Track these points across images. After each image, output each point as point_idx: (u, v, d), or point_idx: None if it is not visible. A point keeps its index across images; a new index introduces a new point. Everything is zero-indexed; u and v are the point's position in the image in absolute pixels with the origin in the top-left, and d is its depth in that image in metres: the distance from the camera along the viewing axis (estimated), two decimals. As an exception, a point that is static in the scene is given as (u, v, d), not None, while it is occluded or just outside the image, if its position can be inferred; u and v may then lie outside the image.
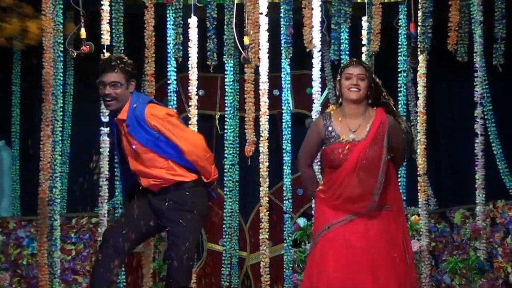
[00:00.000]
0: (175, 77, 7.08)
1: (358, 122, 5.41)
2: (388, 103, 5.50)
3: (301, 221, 7.35)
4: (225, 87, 7.31)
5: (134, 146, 5.36)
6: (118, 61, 5.41)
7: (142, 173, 5.44)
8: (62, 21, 6.84)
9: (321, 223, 5.43)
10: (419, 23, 6.95)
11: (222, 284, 7.25)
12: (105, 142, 6.83)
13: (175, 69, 7.08)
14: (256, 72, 7.08)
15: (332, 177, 5.43)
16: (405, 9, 7.11)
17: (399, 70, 7.20)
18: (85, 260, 7.07)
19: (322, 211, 5.46)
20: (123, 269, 6.86)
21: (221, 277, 7.30)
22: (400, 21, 7.18)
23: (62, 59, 6.88)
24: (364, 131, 5.38)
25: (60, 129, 6.92)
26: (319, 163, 5.92)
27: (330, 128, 5.43)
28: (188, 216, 5.38)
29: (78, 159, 7.09)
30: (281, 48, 7.15)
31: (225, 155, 7.27)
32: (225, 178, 7.30)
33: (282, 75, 7.19)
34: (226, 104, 7.32)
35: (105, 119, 6.80)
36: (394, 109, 5.52)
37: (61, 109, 6.92)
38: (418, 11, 6.96)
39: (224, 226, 7.26)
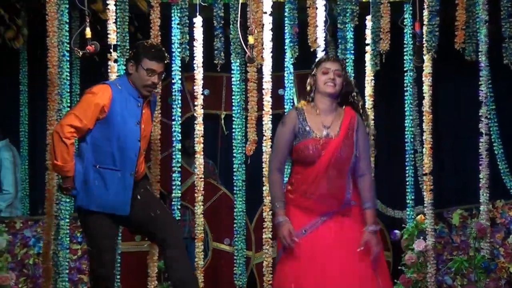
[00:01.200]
0: (180, 77, 6.93)
1: (331, 118, 5.32)
2: (357, 104, 5.41)
3: None
4: (232, 86, 7.16)
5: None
6: (166, 53, 5.59)
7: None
8: (67, 20, 6.72)
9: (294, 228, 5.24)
10: (425, 22, 6.79)
11: (235, 284, 7.09)
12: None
13: (180, 69, 6.92)
14: (260, 71, 6.95)
15: (303, 175, 5.28)
16: (411, 8, 6.95)
17: (404, 69, 7.05)
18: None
19: (293, 214, 5.29)
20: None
21: (233, 276, 7.13)
22: (405, 20, 7.02)
23: (68, 58, 6.74)
24: (336, 127, 5.29)
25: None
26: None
27: (303, 123, 5.30)
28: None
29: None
30: (285, 48, 6.99)
31: (234, 154, 7.11)
32: (234, 178, 7.14)
33: (286, 75, 7.05)
34: (233, 104, 7.16)
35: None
36: (362, 110, 5.42)
37: (68, 109, 6.72)
38: (424, 10, 6.80)
39: (235, 225, 7.08)
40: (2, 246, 6.49)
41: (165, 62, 5.56)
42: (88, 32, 6.49)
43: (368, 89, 7.08)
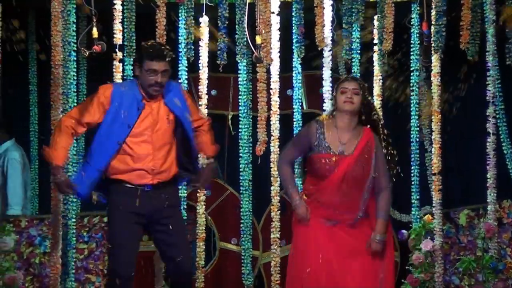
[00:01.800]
0: (186, 77, 6.86)
1: (348, 136, 5.47)
2: (378, 123, 5.55)
3: None
4: (239, 86, 7.08)
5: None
6: (168, 50, 5.47)
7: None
8: (74, 20, 6.67)
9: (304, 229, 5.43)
10: (432, 22, 6.71)
11: (243, 283, 7.07)
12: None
13: (186, 69, 6.85)
14: (269, 72, 6.90)
15: (317, 186, 5.45)
16: (418, 8, 6.87)
17: (411, 69, 6.97)
18: (97, 260, 6.88)
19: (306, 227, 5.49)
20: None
21: (241, 276, 7.10)
22: (412, 20, 6.94)
23: (75, 58, 6.69)
24: (352, 146, 5.45)
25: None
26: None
27: (321, 136, 5.46)
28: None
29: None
30: (293, 48, 6.94)
31: (240, 154, 7.05)
32: (241, 178, 7.08)
33: (294, 75, 7.01)
34: (240, 104, 7.08)
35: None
36: (382, 131, 5.55)
37: None
38: (431, 10, 6.73)
39: (241, 225, 7.02)
40: (10, 246, 6.43)
41: (167, 59, 5.42)
42: (95, 32, 6.47)
43: (376, 89, 7.02)
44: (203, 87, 6.87)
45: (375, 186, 5.47)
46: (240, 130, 7.10)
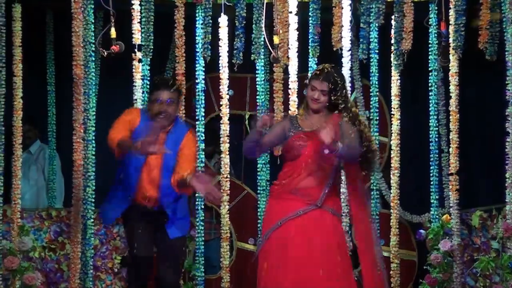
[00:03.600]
0: (203, 77, 6.75)
1: (318, 121, 5.40)
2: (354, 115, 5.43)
3: None
4: (256, 86, 6.96)
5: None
6: (173, 80, 5.63)
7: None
8: (93, 21, 6.57)
9: (272, 219, 5.36)
10: (451, 22, 6.58)
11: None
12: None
13: (203, 69, 6.74)
14: (286, 72, 6.78)
15: (288, 169, 5.39)
16: (436, 8, 6.73)
17: (429, 69, 6.84)
18: (105, 258, 6.82)
19: (272, 207, 5.44)
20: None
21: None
22: (430, 20, 6.79)
23: (94, 58, 6.59)
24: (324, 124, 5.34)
25: (93, 128, 6.58)
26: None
27: (295, 122, 5.44)
28: None
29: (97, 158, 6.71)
30: (309, 48, 6.82)
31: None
32: (258, 177, 6.96)
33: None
34: (257, 104, 6.96)
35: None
36: (358, 118, 5.43)
37: (94, 109, 6.61)
38: (450, 10, 6.59)
39: (259, 225, 6.87)
40: (28, 246, 6.31)
41: (171, 90, 5.47)
42: (113, 32, 6.40)
43: (394, 89, 6.90)
44: (223, 87, 6.75)
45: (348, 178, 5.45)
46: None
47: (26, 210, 6.77)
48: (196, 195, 6.67)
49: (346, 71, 6.73)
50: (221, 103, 6.77)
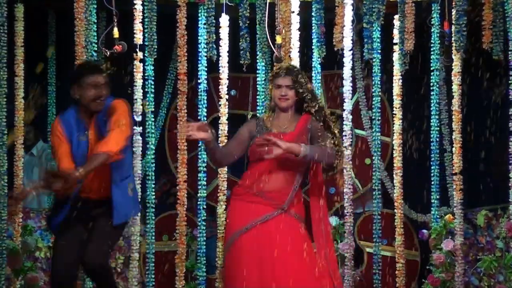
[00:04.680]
0: (206, 77, 6.70)
1: (287, 122, 5.30)
2: (320, 110, 5.31)
3: (333, 220, 7.02)
4: (257, 86, 6.87)
5: None
6: (99, 64, 5.40)
7: None
8: (95, 21, 6.53)
9: (238, 223, 5.19)
10: (453, 22, 6.52)
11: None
12: (137, 142, 6.54)
13: (205, 69, 6.67)
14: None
15: (252, 170, 5.25)
16: (439, 7, 6.67)
17: (431, 68, 6.77)
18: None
19: (235, 210, 5.27)
20: (153, 268, 6.61)
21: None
22: (433, 19, 6.73)
23: (96, 58, 6.54)
24: (292, 126, 5.27)
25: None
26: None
27: (262, 123, 5.32)
28: None
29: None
30: (313, 47, 6.76)
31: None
32: (260, 177, 6.85)
33: (313, 74, 6.80)
34: (257, 104, 6.87)
35: (137, 118, 6.51)
36: (324, 115, 5.30)
37: None
38: (452, 10, 6.54)
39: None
40: (31, 247, 6.25)
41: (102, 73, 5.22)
42: (116, 32, 6.34)
43: (396, 89, 6.84)
44: (222, 87, 6.69)
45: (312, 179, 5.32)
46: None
47: (34, 210, 6.71)
48: (199, 195, 6.61)
49: (347, 71, 6.68)
50: (220, 103, 6.71)
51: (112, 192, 5.13)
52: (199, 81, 6.68)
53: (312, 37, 6.74)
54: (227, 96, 6.70)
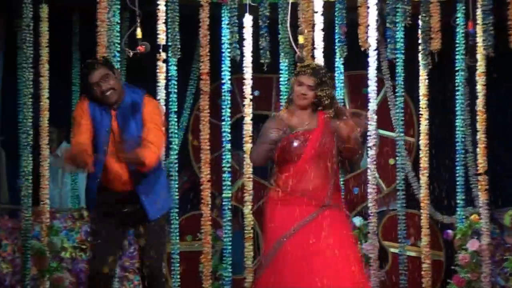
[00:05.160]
0: (229, 77, 6.66)
1: (307, 117, 5.22)
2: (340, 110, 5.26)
3: (357, 220, 7.00)
4: (280, 86, 6.85)
5: None
6: (97, 59, 5.33)
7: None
8: (118, 21, 6.50)
9: (283, 226, 5.09)
10: (478, 22, 6.47)
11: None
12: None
13: (229, 69, 6.65)
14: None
15: (289, 172, 5.13)
16: (463, 7, 6.63)
17: (456, 69, 6.73)
18: (133, 258, 6.72)
19: (279, 214, 5.14)
20: (178, 268, 6.63)
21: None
22: (457, 19, 6.68)
23: (119, 59, 6.53)
24: (314, 122, 5.20)
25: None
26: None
27: (284, 123, 5.19)
28: None
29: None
30: (336, 48, 6.73)
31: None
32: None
33: (336, 75, 6.78)
34: (281, 104, 6.84)
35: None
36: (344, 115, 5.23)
37: None
38: (477, 9, 6.48)
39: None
40: (57, 247, 6.24)
41: (96, 67, 5.15)
42: (139, 33, 6.33)
43: (422, 89, 6.79)
44: (247, 88, 6.66)
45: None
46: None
47: (60, 210, 6.70)
48: (223, 195, 6.58)
49: (372, 71, 6.66)
50: (244, 103, 6.67)
51: (141, 188, 5.10)
52: (222, 81, 6.65)
53: (335, 37, 6.71)
54: (251, 96, 6.67)
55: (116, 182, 5.10)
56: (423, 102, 6.75)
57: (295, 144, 5.11)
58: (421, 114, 6.77)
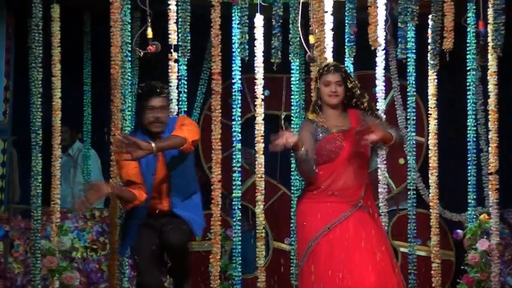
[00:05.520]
0: (240, 77, 6.63)
1: (340, 119, 5.31)
2: (361, 105, 5.34)
3: None
4: (291, 86, 6.84)
5: None
6: (162, 87, 5.36)
7: None
8: (129, 21, 6.49)
9: (318, 224, 5.14)
10: (490, 21, 6.42)
11: (292, 283, 6.76)
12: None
13: (240, 69, 6.62)
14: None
15: (327, 170, 5.19)
16: (474, 6, 6.57)
17: (467, 68, 6.68)
18: None
19: (318, 212, 5.18)
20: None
21: (290, 276, 6.83)
22: (468, 19, 6.63)
23: (130, 59, 6.53)
24: (347, 122, 5.29)
25: (129, 128, 6.50)
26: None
27: (317, 125, 5.26)
28: None
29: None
30: (345, 47, 6.69)
31: (292, 154, 6.74)
32: (292, 177, 6.83)
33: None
34: (292, 103, 6.84)
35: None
36: (368, 108, 5.34)
37: (129, 109, 6.55)
38: (488, 9, 6.43)
39: (292, 225, 6.75)
40: (66, 246, 6.22)
41: (162, 95, 5.27)
42: (150, 32, 6.29)
43: (431, 88, 6.74)
44: (258, 88, 6.64)
45: None
46: (292, 130, 6.79)
47: (72, 210, 6.72)
48: (233, 195, 6.56)
49: (380, 71, 6.64)
50: (255, 103, 6.65)
51: (181, 209, 5.26)
52: (233, 81, 6.62)
53: (345, 37, 6.68)
54: (262, 96, 6.65)
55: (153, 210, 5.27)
56: (432, 101, 6.70)
57: (333, 143, 5.17)
58: (430, 114, 6.74)
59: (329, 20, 6.51)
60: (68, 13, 6.58)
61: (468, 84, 6.70)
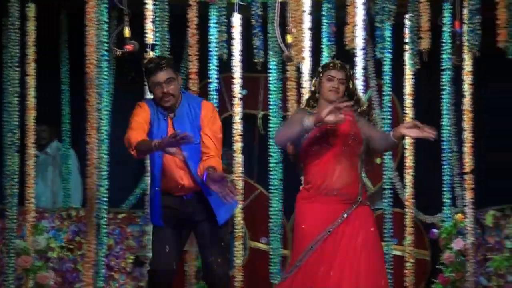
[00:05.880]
0: (217, 76, 6.62)
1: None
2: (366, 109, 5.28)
3: None
4: (269, 85, 6.84)
5: None
6: (165, 59, 5.17)
7: None
8: (107, 20, 6.46)
9: (316, 230, 5.02)
10: (465, 21, 6.44)
11: (270, 282, 6.79)
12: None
13: (216, 68, 6.60)
14: (299, 71, 6.66)
15: (320, 167, 5.07)
16: (450, 6, 6.58)
17: (442, 68, 6.68)
18: (119, 257, 6.72)
19: (316, 215, 5.06)
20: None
21: (269, 276, 6.83)
22: (444, 19, 6.64)
23: (107, 58, 6.51)
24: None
25: (106, 128, 6.51)
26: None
27: (310, 116, 5.02)
28: None
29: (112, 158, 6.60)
30: (322, 47, 6.68)
31: (270, 153, 6.77)
32: (271, 177, 6.81)
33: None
34: (270, 103, 6.84)
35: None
36: (370, 115, 5.28)
37: (106, 108, 6.54)
38: (464, 9, 6.45)
39: (270, 224, 6.79)
40: (41, 246, 6.19)
41: (164, 68, 5.05)
42: (127, 32, 6.28)
43: (408, 88, 6.77)
44: (236, 87, 6.63)
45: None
46: (270, 129, 6.85)
47: (48, 210, 6.67)
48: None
49: (359, 70, 6.63)
50: (233, 102, 6.64)
51: (207, 193, 5.02)
52: (210, 80, 6.61)
53: (322, 36, 6.67)
54: (240, 96, 6.64)
55: (175, 187, 5.06)
56: (408, 101, 6.73)
57: (325, 131, 5.06)
58: (406, 113, 6.74)
59: (307, 20, 6.51)
60: (45, 12, 6.55)
61: (443, 83, 6.71)
